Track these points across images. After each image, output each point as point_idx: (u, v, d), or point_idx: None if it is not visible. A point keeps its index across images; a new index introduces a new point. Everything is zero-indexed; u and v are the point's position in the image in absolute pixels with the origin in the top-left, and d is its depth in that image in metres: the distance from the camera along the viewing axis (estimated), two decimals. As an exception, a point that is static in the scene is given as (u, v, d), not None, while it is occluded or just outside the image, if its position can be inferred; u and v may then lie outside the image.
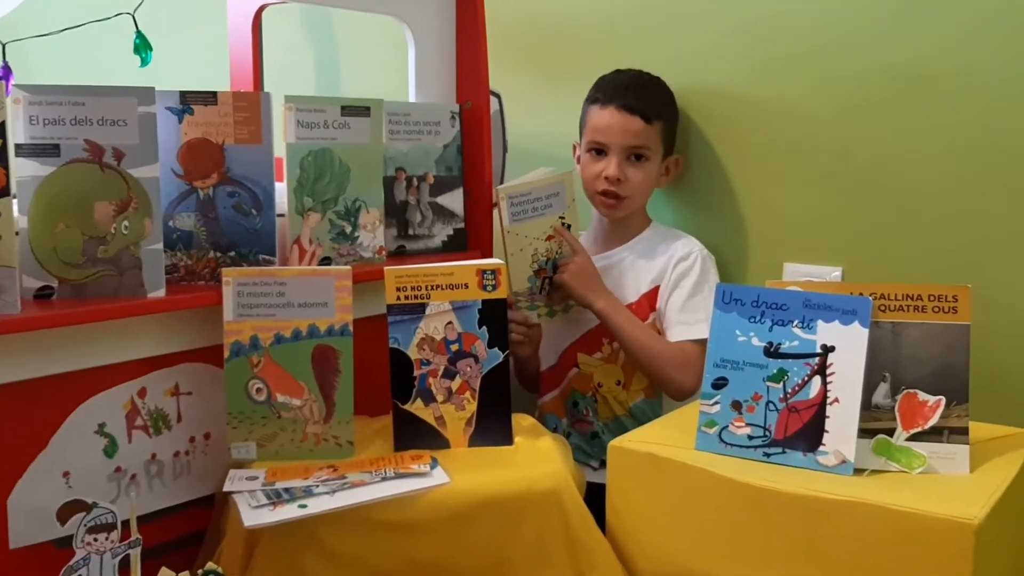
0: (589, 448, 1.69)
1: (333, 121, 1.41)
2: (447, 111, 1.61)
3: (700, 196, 1.74)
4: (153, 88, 1.20)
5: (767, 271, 1.65)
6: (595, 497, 1.28)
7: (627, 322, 1.59)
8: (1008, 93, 1.41)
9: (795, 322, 1.19)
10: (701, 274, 1.61)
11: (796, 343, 1.19)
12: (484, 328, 1.31)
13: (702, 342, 1.51)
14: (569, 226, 1.64)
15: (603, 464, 1.40)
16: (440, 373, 1.31)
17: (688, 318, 1.59)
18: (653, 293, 1.65)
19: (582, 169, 1.70)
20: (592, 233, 1.75)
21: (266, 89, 1.94)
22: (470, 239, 1.65)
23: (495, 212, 1.61)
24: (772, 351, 1.19)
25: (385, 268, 1.29)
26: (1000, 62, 1.41)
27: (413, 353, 1.30)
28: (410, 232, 1.57)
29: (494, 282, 1.30)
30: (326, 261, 1.41)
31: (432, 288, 1.30)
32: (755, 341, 1.20)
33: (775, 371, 1.19)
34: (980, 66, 1.43)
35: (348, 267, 1.27)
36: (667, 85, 1.69)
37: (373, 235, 1.47)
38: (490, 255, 1.63)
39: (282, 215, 1.38)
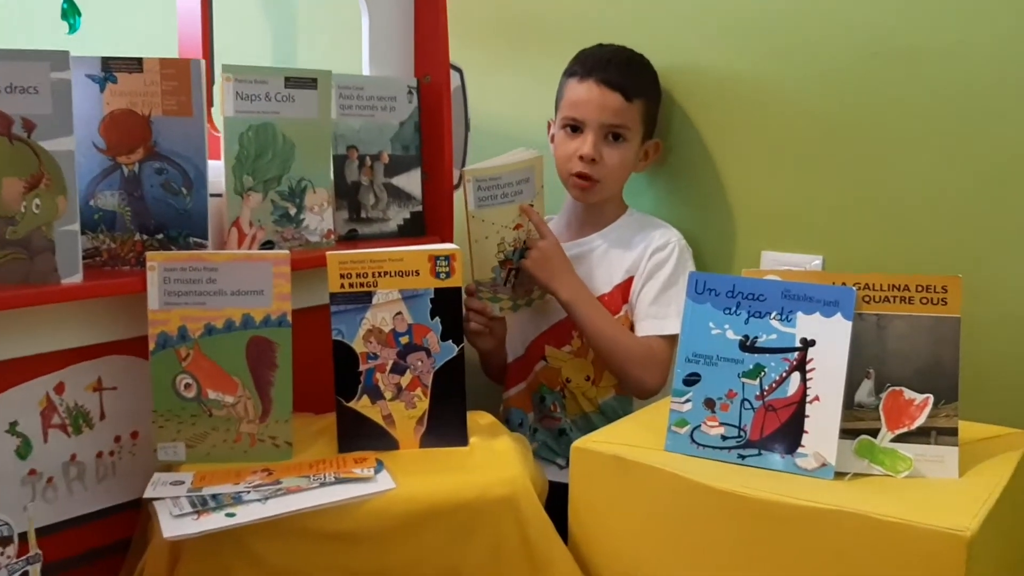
0: (556, 446, 1.61)
1: (276, 94, 1.31)
2: (403, 85, 1.52)
3: (675, 181, 1.65)
4: (67, 52, 1.09)
5: (743, 260, 1.59)
6: (560, 499, 1.20)
7: (592, 313, 1.50)
8: (1001, 72, 1.34)
9: (773, 314, 1.13)
10: (677, 266, 1.53)
11: (774, 336, 1.12)
12: (437, 319, 1.21)
13: (672, 339, 1.46)
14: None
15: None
16: (388, 368, 1.21)
17: (659, 312, 1.51)
18: (627, 284, 1.56)
19: (556, 147, 1.60)
20: (564, 218, 1.66)
21: (217, 61, 1.83)
22: (428, 224, 1.56)
23: (456, 194, 1.52)
24: (748, 345, 1.13)
25: (328, 253, 1.18)
26: (993, 39, 1.34)
27: (359, 346, 1.21)
28: (363, 215, 1.49)
29: (448, 269, 1.20)
30: (268, 245, 1.32)
31: (380, 275, 1.20)
32: (730, 334, 1.14)
33: (751, 366, 1.13)
34: (971, 42, 1.35)
35: (286, 251, 1.16)
36: (651, 64, 1.59)
37: (320, 218, 1.38)
38: (450, 241, 1.54)
39: (220, 195, 1.29)
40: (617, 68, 1.53)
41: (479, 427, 1.27)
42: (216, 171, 1.26)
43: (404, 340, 1.21)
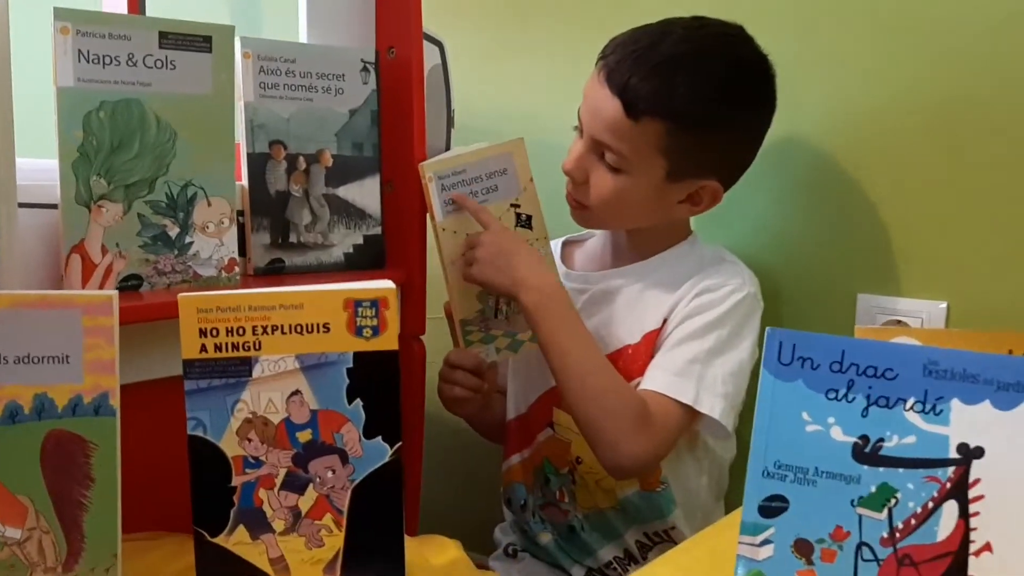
0: (567, 547, 1.22)
1: (146, 56, 0.94)
2: (356, 59, 1.14)
3: (737, 197, 1.23)
4: None
5: (831, 306, 1.22)
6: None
7: (565, 330, 1.08)
8: None
9: (910, 401, 0.75)
10: (725, 317, 1.10)
11: (912, 439, 0.75)
12: (358, 402, 0.77)
13: (685, 409, 1.06)
14: (529, 218, 1.14)
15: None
16: (279, 481, 0.78)
17: (678, 366, 1.08)
18: (659, 333, 1.14)
19: None
20: (600, 239, 1.26)
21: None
22: (390, 252, 1.17)
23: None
24: (869, 452, 0.76)
25: (180, 296, 0.75)
26: None
27: (230, 446, 0.77)
28: (292, 239, 1.10)
29: (375, 322, 0.76)
30: (133, 281, 0.93)
31: (266, 331, 0.76)
32: (837, 433, 0.76)
33: (874, 489, 0.75)
34: None
35: (110, 292, 0.73)
36: (749, 65, 1.10)
37: (219, 241, 1.01)
38: (421, 276, 1.16)
39: (54, 206, 0.90)
40: (636, 62, 1.05)
41: (430, 572, 0.82)
42: (39, 167, 0.89)
43: (305, 437, 0.77)
